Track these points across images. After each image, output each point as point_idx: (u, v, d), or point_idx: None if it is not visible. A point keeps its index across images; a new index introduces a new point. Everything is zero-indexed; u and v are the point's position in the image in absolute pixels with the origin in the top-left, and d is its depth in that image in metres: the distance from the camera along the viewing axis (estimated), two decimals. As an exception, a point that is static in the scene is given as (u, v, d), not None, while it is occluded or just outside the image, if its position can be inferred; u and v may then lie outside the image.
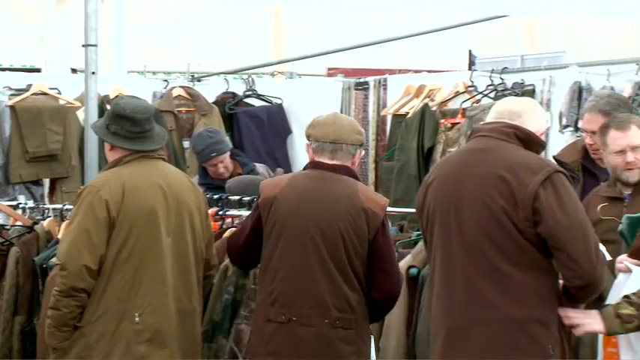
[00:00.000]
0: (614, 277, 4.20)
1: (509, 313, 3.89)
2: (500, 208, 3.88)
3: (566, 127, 7.22)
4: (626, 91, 6.99)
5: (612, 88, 7.10)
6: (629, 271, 4.15)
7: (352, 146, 4.65)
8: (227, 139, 8.05)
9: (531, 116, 4.08)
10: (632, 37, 12.67)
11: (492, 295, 3.89)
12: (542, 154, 4.29)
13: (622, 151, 4.74)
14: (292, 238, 4.53)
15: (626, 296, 3.95)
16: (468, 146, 4.14)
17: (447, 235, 3.99)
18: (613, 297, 4.10)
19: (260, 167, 7.28)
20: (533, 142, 4.04)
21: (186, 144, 8.25)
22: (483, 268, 3.90)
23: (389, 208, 5.93)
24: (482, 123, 4.16)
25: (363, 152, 4.76)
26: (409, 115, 8.16)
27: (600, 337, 4.20)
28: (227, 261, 5.05)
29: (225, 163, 7.07)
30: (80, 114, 7.78)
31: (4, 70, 12.00)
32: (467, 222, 3.94)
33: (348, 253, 4.49)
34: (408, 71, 9.12)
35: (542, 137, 4.12)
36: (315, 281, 4.49)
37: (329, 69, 11.71)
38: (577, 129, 7.16)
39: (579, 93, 7.28)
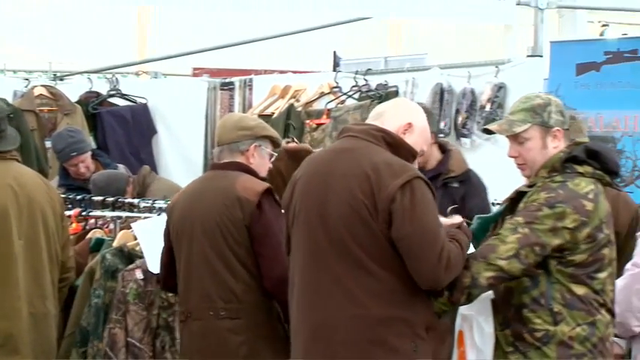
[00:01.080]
0: None
1: (373, 311, 3.91)
2: (364, 207, 3.91)
3: (428, 127, 7.34)
4: (486, 93, 7.16)
5: (473, 90, 7.27)
6: None
7: (235, 143, 4.72)
8: (89, 138, 7.95)
9: (390, 115, 4.12)
10: (493, 40, 12.95)
11: (357, 294, 3.92)
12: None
13: None
14: (183, 239, 4.68)
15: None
16: (336, 145, 4.16)
17: (312, 233, 4.00)
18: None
19: (121, 168, 7.22)
20: (402, 149, 4.07)
21: (48, 144, 8.10)
22: (349, 267, 3.93)
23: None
24: (353, 123, 4.21)
25: (259, 145, 4.80)
26: (275, 115, 8.18)
27: (456, 336, 4.26)
28: (92, 263, 4.99)
29: (86, 163, 6.98)
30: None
31: None
32: (332, 220, 3.96)
33: (228, 244, 4.57)
34: (273, 72, 9.15)
35: (407, 135, 4.16)
36: (200, 276, 4.59)
37: (194, 69, 11.63)
38: (440, 130, 7.30)
39: (441, 94, 7.41)
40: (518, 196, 4.22)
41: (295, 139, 5.66)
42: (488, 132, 4.39)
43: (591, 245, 4.07)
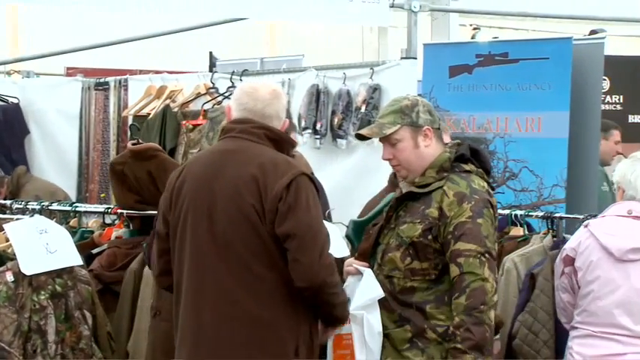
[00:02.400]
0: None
1: (258, 313, 3.93)
2: (252, 209, 3.91)
3: (305, 129, 7.37)
4: (361, 95, 7.22)
5: (348, 92, 7.33)
6: (358, 273, 4.28)
7: None
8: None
9: (271, 111, 4.13)
10: (368, 42, 13.08)
11: (242, 295, 3.92)
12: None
13: None
14: None
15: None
16: (220, 147, 4.13)
17: (199, 236, 3.98)
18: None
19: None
20: (283, 142, 4.11)
21: None
22: (235, 268, 3.93)
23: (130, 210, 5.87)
24: (233, 120, 4.15)
25: None
26: (150, 116, 8.11)
27: (330, 339, 4.28)
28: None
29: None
30: None
31: None
32: (220, 223, 3.94)
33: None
34: (149, 72, 9.04)
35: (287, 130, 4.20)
36: None
37: (68, 68, 11.42)
38: (316, 131, 7.34)
39: (317, 95, 7.45)
40: (406, 197, 4.28)
41: (140, 140, 5.58)
42: (361, 137, 4.40)
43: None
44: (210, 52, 9.98)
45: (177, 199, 4.06)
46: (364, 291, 4.18)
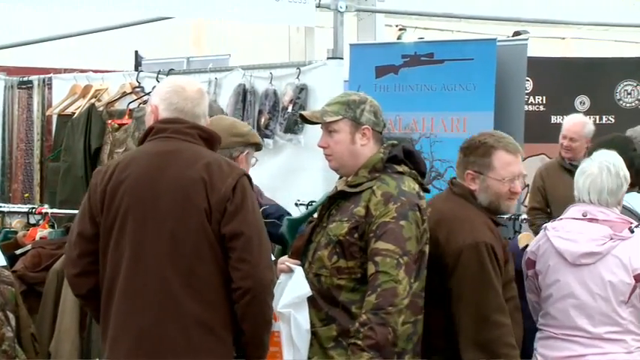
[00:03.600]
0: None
1: (201, 315, 3.89)
2: (199, 209, 3.87)
3: (231, 128, 7.35)
4: (288, 94, 7.22)
5: (275, 92, 7.33)
6: (290, 271, 4.29)
7: (227, 149, 4.67)
8: None
9: (200, 110, 4.10)
10: (294, 42, 13.09)
11: (186, 297, 3.87)
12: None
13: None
14: None
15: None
16: (157, 148, 4.03)
17: (141, 237, 3.91)
18: (276, 297, 4.22)
19: None
20: (214, 140, 4.09)
21: None
22: (178, 270, 3.87)
23: (55, 210, 5.82)
24: (163, 120, 4.08)
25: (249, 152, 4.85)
26: (75, 115, 8.02)
27: None
28: None
29: None
30: None
31: None
32: (165, 224, 3.88)
33: None
34: (73, 70, 8.93)
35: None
36: None
37: (-10, 67, 11.26)
38: (242, 130, 7.32)
39: (244, 95, 7.44)
40: (338, 196, 4.30)
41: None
42: (303, 119, 4.45)
43: (422, 241, 4.22)
44: (136, 51, 9.90)
45: (112, 200, 3.98)
46: (293, 289, 4.19)
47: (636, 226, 4.72)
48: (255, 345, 3.98)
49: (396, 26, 11.83)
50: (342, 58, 7.27)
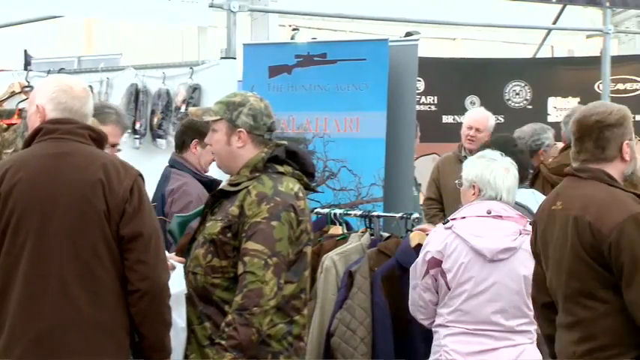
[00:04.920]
0: None
1: (100, 318, 3.84)
2: (98, 211, 3.82)
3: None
4: (181, 94, 7.18)
5: (168, 92, 7.28)
6: (173, 268, 4.24)
7: None
8: None
9: (86, 110, 4.04)
10: (188, 41, 13.00)
11: (86, 301, 3.82)
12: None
13: None
14: None
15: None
16: (50, 149, 3.93)
17: (39, 241, 3.82)
18: None
19: None
20: (103, 140, 4.04)
21: None
22: (78, 274, 3.81)
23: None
24: (53, 120, 4.00)
25: None
26: (-39, 115, 7.86)
27: None
28: None
29: None
30: None
31: None
32: (63, 227, 3.81)
33: None
34: (-39, 69, 8.75)
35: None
36: None
37: None
38: (135, 131, 7.26)
39: (136, 95, 7.37)
40: (220, 194, 4.30)
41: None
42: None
43: (298, 242, 4.22)
44: (25, 50, 9.73)
45: (5, 204, 3.88)
46: (171, 286, 4.17)
47: (531, 221, 4.85)
48: (155, 349, 3.95)
49: (290, 26, 11.84)
50: (235, 58, 7.25)
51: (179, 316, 4.16)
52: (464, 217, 4.86)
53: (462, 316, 4.81)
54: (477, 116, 7.59)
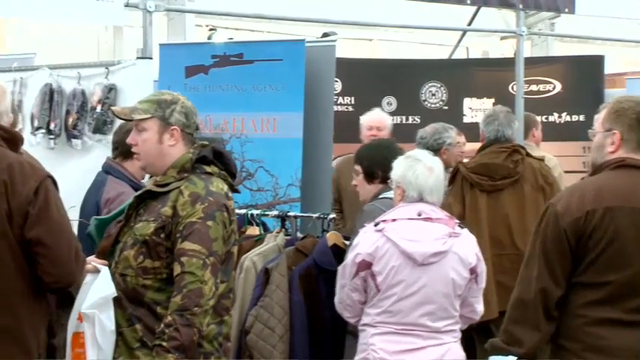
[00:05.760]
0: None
1: (4, 323, 3.81)
2: (1, 213, 3.79)
3: (38, 129, 7.18)
4: (97, 94, 7.10)
5: (83, 91, 7.20)
6: (97, 271, 4.24)
7: None
8: None
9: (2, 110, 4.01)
10: (103, 41, 12.89)
11: None
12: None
13: None
14: None
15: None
16: None
17: None
18: (81, 298, 4.17)
19: None
20: (17, 140, 3.99)
21: None
22: None
23: None
24: None
25: None
26: None
27: (69, 337, 4.23)
28: None
29: None
30: None
31: None
32: None
33: None
34: None
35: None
36: None
37: None
38: (49, 131, 7.17)
39: (50, 95, 7.27)
40: (145, 195, 4.27)
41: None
42: (115, 115, 4.42)
43: (228, 242, 4.22)
44: None
45: None
46: (98, 289, 4.14)
47: (459, 224, 4.91)
48: None
49: (207, 26, 11.81)
50: (151, 58, 7.20)
51: (108, 319, 4.12)
52: (394, 220, 4.89)
53: (391, 317, 4.85)
54: (376, 116, 7.68)
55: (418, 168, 4.94)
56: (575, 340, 3.82)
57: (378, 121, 7.67)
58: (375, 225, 4.88)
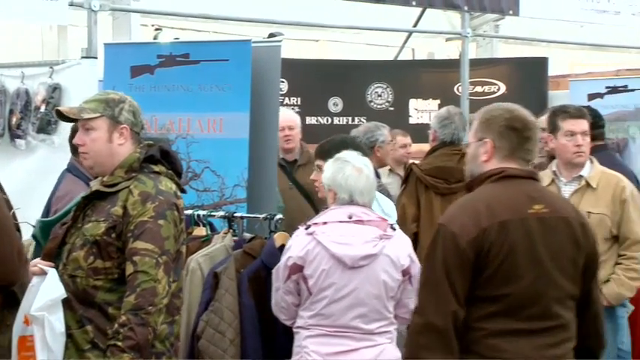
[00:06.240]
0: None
1: None
2: None
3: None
4: (41, 94, 7.05)
5: (27, 91, 7.13)
6: (43, 273, 4.20)
7: None
8: None
9: None
10: (47, 40, 12.76)
11: None
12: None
13: None
14: None
15: None
16: None
17: None
18: (28, 301, 4.13)
19: None
20: None
21: None
22: None
23: None
24: None
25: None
26: None
27: (14, 341, 4.19)
28: None
29: None
30: None
31: None
32: None
33: None
34: None
35: None
36: None
37: None
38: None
39: (-6, 94, 7.22)
40: (93, 196, 4.25)
41: None
42: (60, 115, 4.39)
43: (178, 241, 4.23)
44: None
45: None
46: (46, 291, 4.12)
47: (392, 225, 4.92)
48: None
49: (152, 26, 11.74)
50: (96, 58, 7.17)
51: (57, 321, 4.10)
52: (325, 223, 4.90)
53: (323, 320, 4.86)
54: (286, 117, 7.65)
55: (347, 170, 4.96)
56: (474, 353, 3.72)
57: (289, 121, 7.69)
58: (307, 228, 4.89)
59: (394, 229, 4.93)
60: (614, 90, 9.04)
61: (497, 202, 3.78)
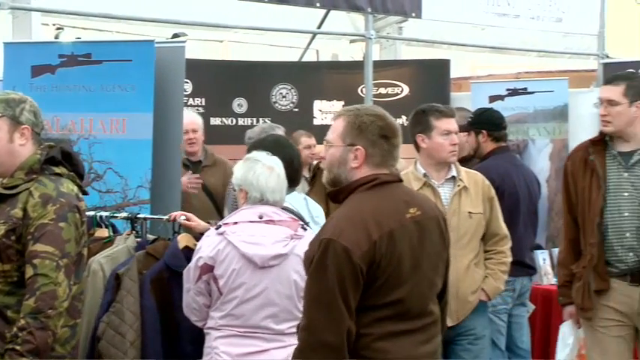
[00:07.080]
0: None
1: None
2: None
3: None
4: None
5: None
6: None
7: None
8: None
9: None
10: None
11: None
12: None
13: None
14: None
15: None
16: None
17: None
18: None
19: None
20: None
21: None
22: None
23: None
24: None
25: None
26: None
27: None
28: None
29: None
30: None
31: None
32: None
33: None
34: None
35: None
36: None
37: None
38: None
39: None
40: None
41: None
42: None
43: (79, 244, 4.20)
44: None
45: None
46: None
47: (303, 225, 4.93)
48: None
49: (54, 25, 11.58)
50: (-5, 57, 7.05)
51: None
52: (236, 223, 4.89)
53: (234, 320, 4.85)
54: (189, 119, 7.63)
55: (258, 168, 4.96)
56: (363, 357, 3.67)
57: (192, 123, 7.71)
58: (217, 228, 4.88)
59: (305, 229, 4.94)
60: (514, 92, 9.20)
61: (380, 212, 3.72)
